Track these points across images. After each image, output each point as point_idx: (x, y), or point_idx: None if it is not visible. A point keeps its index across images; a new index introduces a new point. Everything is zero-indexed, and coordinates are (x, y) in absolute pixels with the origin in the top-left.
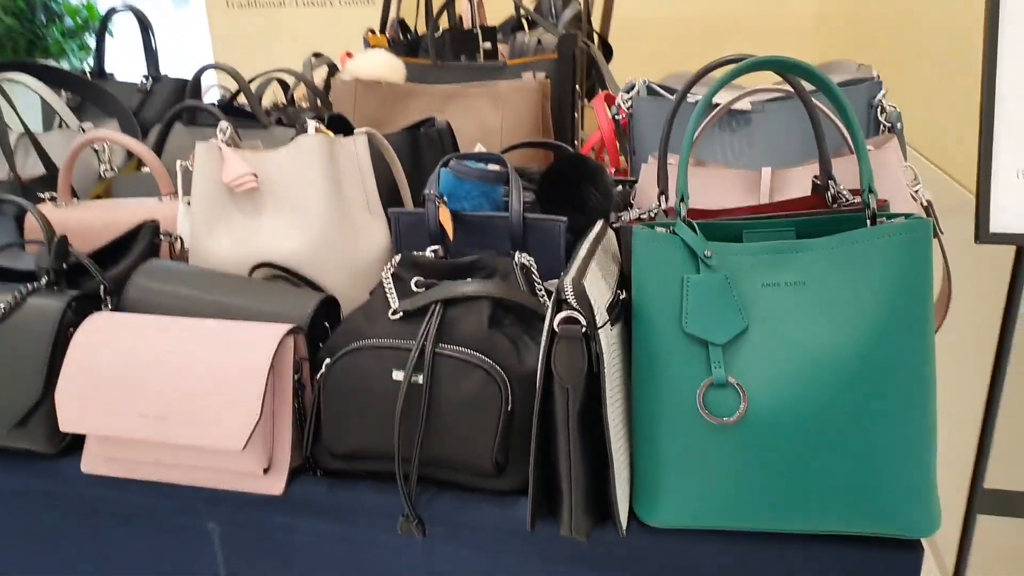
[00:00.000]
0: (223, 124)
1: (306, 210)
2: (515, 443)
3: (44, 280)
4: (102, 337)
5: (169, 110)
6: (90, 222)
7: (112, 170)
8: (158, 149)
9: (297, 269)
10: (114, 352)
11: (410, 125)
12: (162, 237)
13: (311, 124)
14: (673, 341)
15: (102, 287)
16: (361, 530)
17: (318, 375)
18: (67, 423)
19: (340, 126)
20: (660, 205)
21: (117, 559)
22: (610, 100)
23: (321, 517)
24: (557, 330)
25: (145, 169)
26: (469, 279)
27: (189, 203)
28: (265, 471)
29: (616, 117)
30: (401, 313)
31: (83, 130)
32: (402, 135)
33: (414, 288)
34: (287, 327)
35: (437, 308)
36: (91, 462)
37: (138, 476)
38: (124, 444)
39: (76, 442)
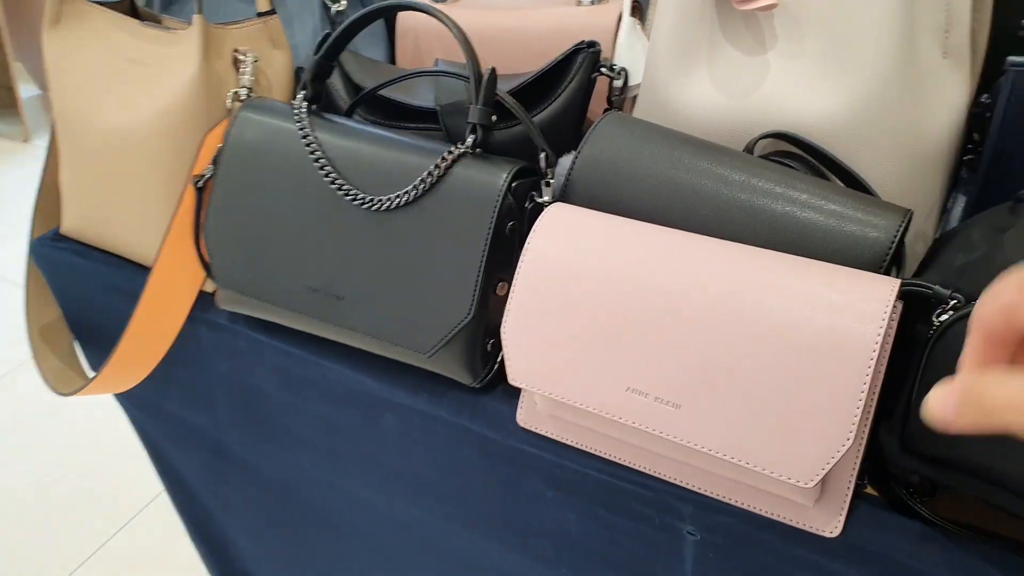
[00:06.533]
0: None
1: (856, 47)
2: None
3: (471, 140)
4: (573, 250)
5: None
6: (479, 31)
7: None
8: None
9: (828, 143)
10: (593, 281)
11: None
12: (602, 70)
13: None
14: None
15: (544, 156)
16: None
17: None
18: (516, 373)
19: None
20: None
21: (544, 524)
22: None
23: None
24: None
25: None
26: None
27: (642, 20)
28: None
29: None
30: None
31: None
32: None
33: None
34: (894, 286)
35: None
36: (531, 416)
37: (598, 451)
38: (591, 415)
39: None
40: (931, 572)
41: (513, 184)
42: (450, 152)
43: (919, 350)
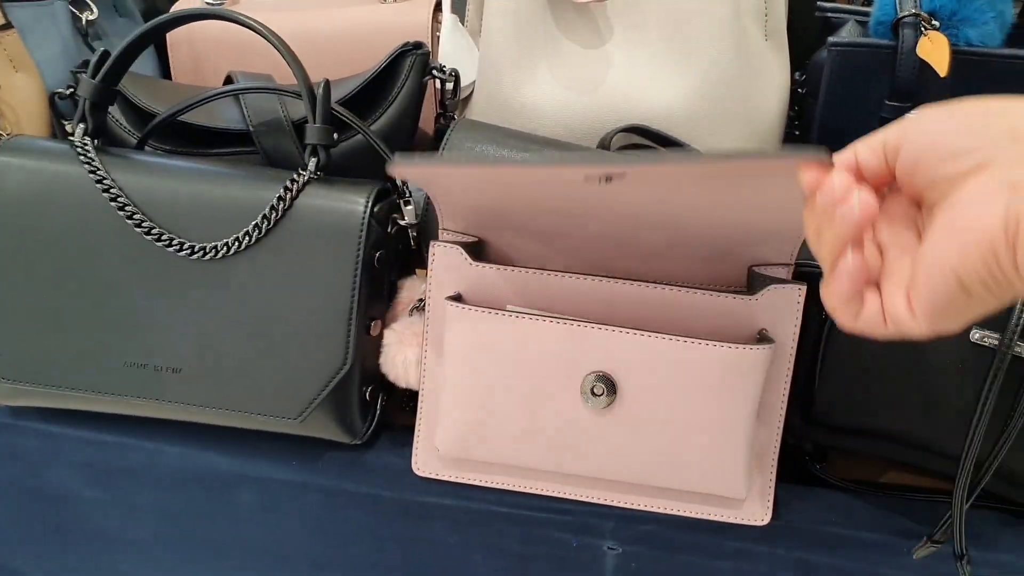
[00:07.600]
0: None
1: (691, 33)
2: None
3: (314, 164)
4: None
5: None
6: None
7: None
8: None
9: (675, 130)
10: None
11: None
12: (434, 73)
13: None
14: None
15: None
16: (857, 558)
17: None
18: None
19: None
20: None
21: (448, 572)
22: None
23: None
24: None
25: None
26: None
27: (462, 18)
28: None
29: None
30: None
31: None
32: None
33: None
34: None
35: None
36: (430, 463)
37: (510, 485)
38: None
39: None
40: (855, 535)
41: (375, 208)
42: (293, 180)
43: (812, 327)
